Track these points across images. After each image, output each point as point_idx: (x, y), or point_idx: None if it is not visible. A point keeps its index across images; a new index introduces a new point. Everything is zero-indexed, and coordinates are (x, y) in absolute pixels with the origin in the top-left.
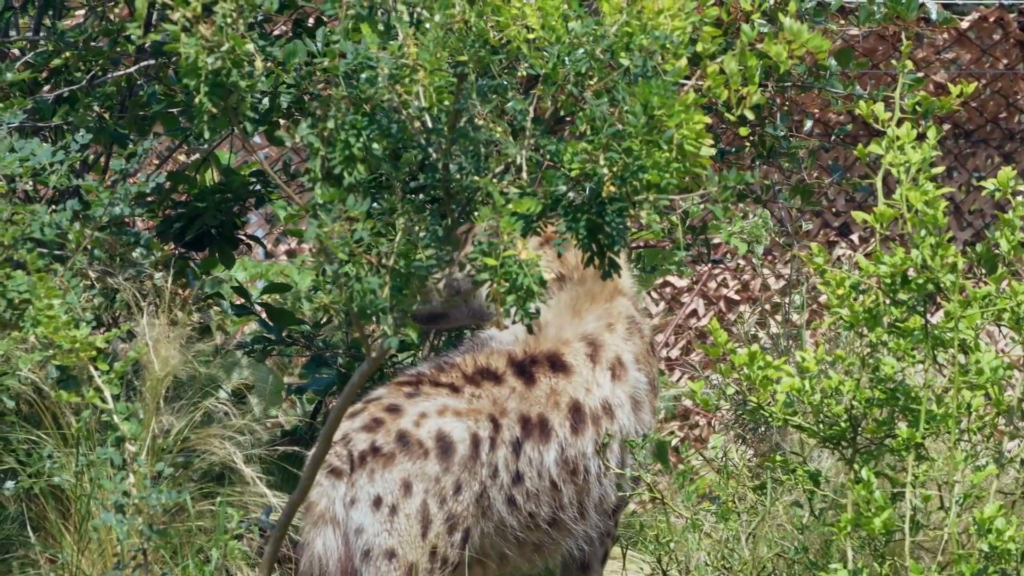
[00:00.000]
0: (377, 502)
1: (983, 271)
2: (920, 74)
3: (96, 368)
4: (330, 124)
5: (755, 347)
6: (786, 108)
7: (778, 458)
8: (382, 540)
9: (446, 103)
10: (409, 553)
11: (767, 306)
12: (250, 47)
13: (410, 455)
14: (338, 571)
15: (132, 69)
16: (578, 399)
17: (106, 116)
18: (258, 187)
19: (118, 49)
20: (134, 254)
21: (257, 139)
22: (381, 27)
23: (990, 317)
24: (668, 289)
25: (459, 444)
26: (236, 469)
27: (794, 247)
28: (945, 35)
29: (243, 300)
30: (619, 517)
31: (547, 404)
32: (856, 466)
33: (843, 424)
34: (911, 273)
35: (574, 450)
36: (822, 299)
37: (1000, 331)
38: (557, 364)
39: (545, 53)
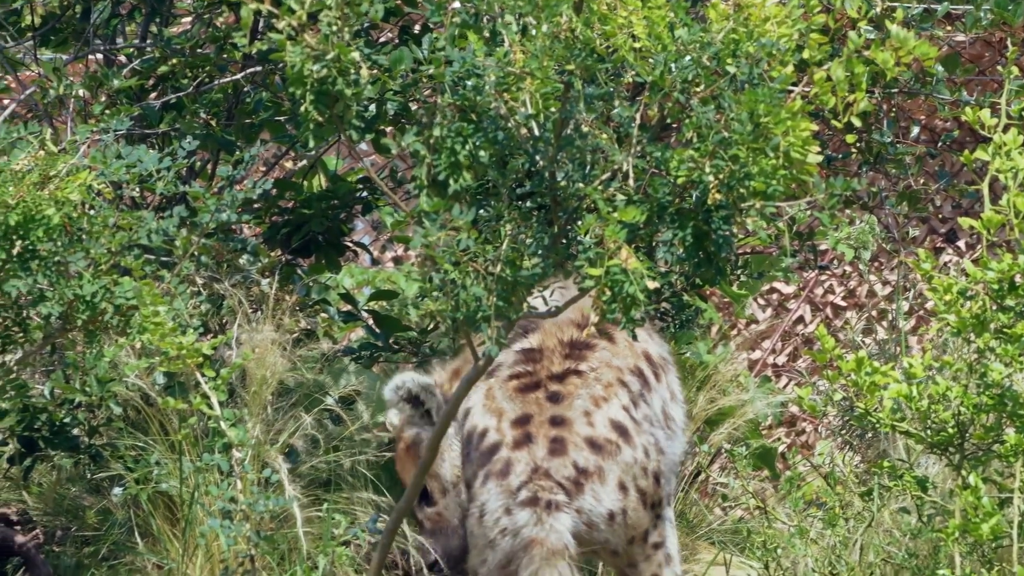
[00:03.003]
0: (611, 517)
1: None
2: None
3: (203, 374)
4: (436, 131)
5: (862, 353)
6: (893, 114)
7: (885, 464)
8: (621, 540)
9: (553, 110)
10: (645, 525)
11: (874, 312)
12: (355, 55)
13: (610, 458)
14: None
15: (239, 76)
16: (646, 349)
17: (213, 123)
18: (365, 194)
19: (224, 56)
20: (241, 260)
21: (364, 146)
22: (487, 34)
23: None
24: (775, 295)
25: (626, 423)
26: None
27: (901, 253)
28: None
29: (350, 307)
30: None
31: (633, 356)
32: (964, 472)
33: (951, 430)
34: (1018, 279)
35: (659, 396)
36: (929, 305)
37: None
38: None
39: (651, 61)
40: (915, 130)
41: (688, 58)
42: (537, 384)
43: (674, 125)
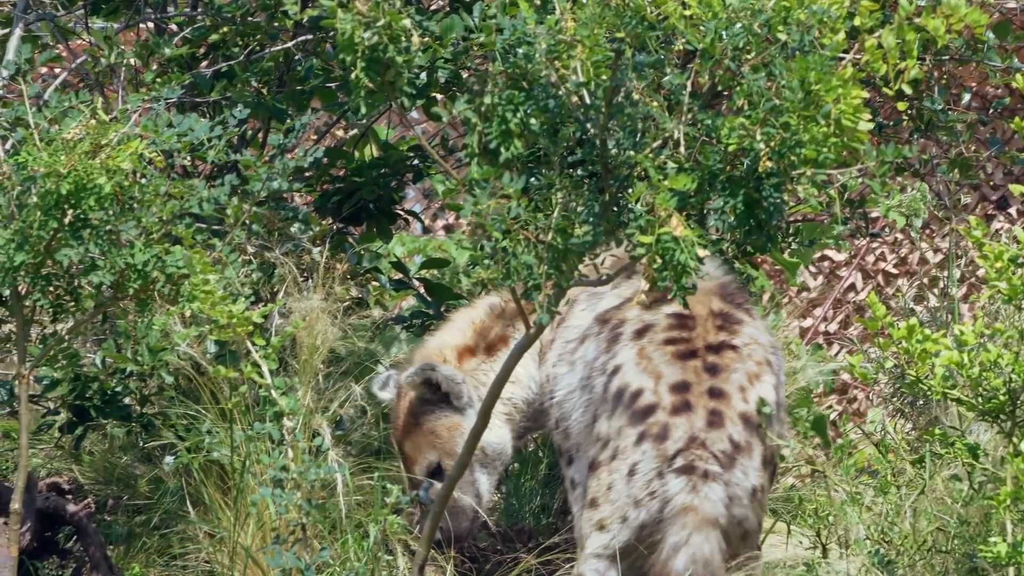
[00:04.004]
0: (753, 493)
1: None
2: None
3: (253, 343)
4: (487, 99)
5: (913, 320)
6: (944, 82)
7: (937, 432)
8: (753, 519)
9: (603, 78)
10: (765, 513)
11: (925, 280)
12: (406, 22)
13: (756, 434)
14: (722, 567)
15: (290, 44)
16: (766, 323)
17: (264, 91)
18: (416, 162)
19: (276, 24)
20: (292, 229)
21: (415, 114)
22: (538, 2)
23: None
24: (826, 263)
25: (772, 404)
26: None
27: (952, 220)
28: None
29: (401, 275)
30: None
31: (767, 331)
32: (1015, 439)
33: (1002, 397)
34: None
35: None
36: (980, 272)
37: None
38: None
39: (702, 28)
40: (966, 97)
41: (739, 25)
42: (694, 352)
43: (725, 93)
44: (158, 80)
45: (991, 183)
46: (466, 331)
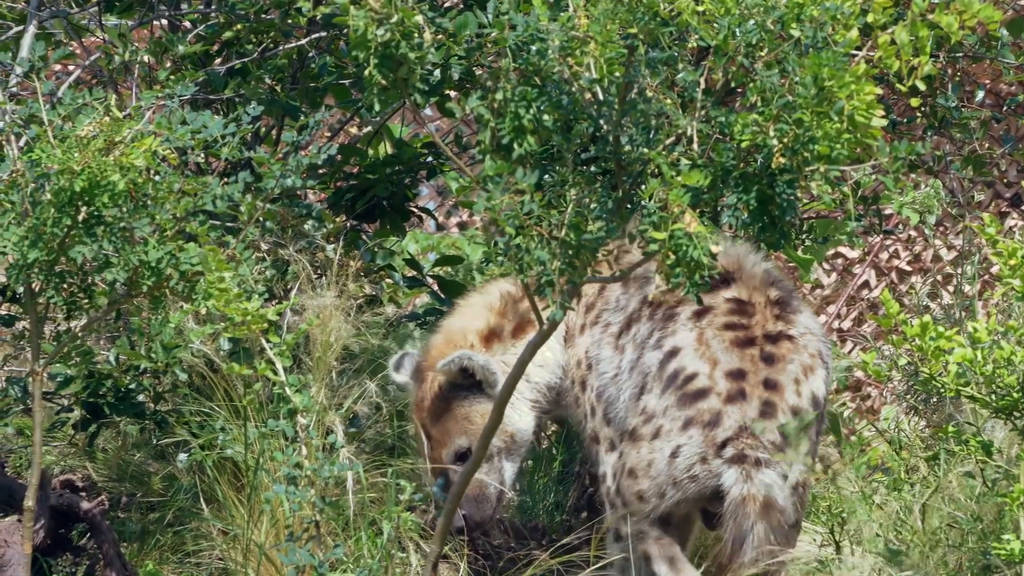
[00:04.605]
0: (795, 487)
1: None
2: None
3: (267, 340)
4: (500, 96)
5: (927, 318)
6: (957, 79)
7: (950, 429)
8: (792, 514)
9: (617, 75)
10: (802, 508)
11: (939, 277)
12: (419, 19)
13: (804, 429)
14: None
15: (303, 41)
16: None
17: (277, 88)
18: (429, 159)
19: (289, 21)
20: (306, 226)
21: (428, 111)
22: None
23: None
24: (839, 260)
25: (821, 400)
26: None
27: (966, 218)
28: None
29: (415, 272)
30: None
31: (816, 323)
32: None
33: (1015, 394)
34: None
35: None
36: (994, 270)
37: None
38: None
39: (715, 25)
40: (980, 94)
41: (752, 22)
42: (752, 340)
43: (738, 89)
44: (172, 77)
45: (1005, 180)
46: (487, 315)
